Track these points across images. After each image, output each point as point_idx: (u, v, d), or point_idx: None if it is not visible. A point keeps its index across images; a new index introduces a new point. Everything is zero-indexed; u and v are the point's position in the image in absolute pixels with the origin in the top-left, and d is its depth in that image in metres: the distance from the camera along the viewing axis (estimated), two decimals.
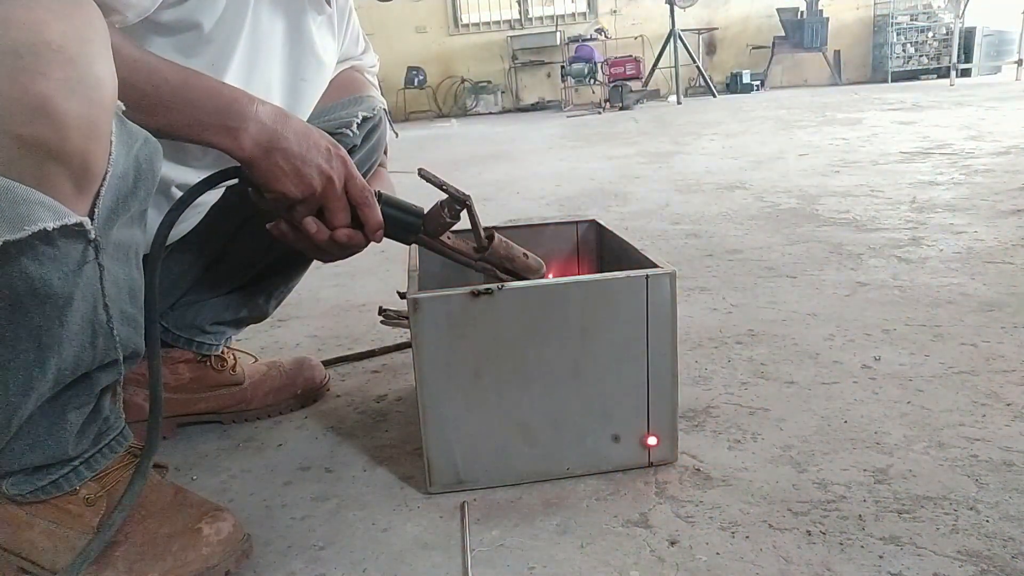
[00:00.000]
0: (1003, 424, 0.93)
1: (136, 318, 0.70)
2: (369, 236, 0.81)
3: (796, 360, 1.17)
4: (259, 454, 1.01)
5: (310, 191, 0.75)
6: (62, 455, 0.68)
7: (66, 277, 0.58)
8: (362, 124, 1.00)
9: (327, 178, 0.76)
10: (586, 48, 8.83)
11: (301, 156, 0.74)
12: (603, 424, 0.86)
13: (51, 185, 0.56)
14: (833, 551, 0.71)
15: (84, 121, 0.55)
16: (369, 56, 1.15)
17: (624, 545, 0.75)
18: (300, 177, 0.74)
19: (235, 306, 1.06)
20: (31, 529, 0.71)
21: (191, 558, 0.71)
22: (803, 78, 9.53)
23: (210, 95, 0.71)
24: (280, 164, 0.73)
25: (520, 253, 0.87)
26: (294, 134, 0.74)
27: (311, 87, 0.99)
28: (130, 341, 0.69)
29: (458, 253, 0.86)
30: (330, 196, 0.77)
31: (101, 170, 0.59)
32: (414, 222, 0.83)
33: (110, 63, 0.59)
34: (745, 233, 2.05)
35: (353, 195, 0.78)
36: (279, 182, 0.74)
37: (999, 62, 8.40)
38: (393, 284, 1.77)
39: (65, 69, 0.54)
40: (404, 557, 0.76)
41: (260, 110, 0.73)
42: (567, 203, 2.75)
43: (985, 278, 1.50)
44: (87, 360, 0.64)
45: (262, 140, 0.72)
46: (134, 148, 0.63)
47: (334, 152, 0.77)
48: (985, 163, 2.85)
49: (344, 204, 0.78)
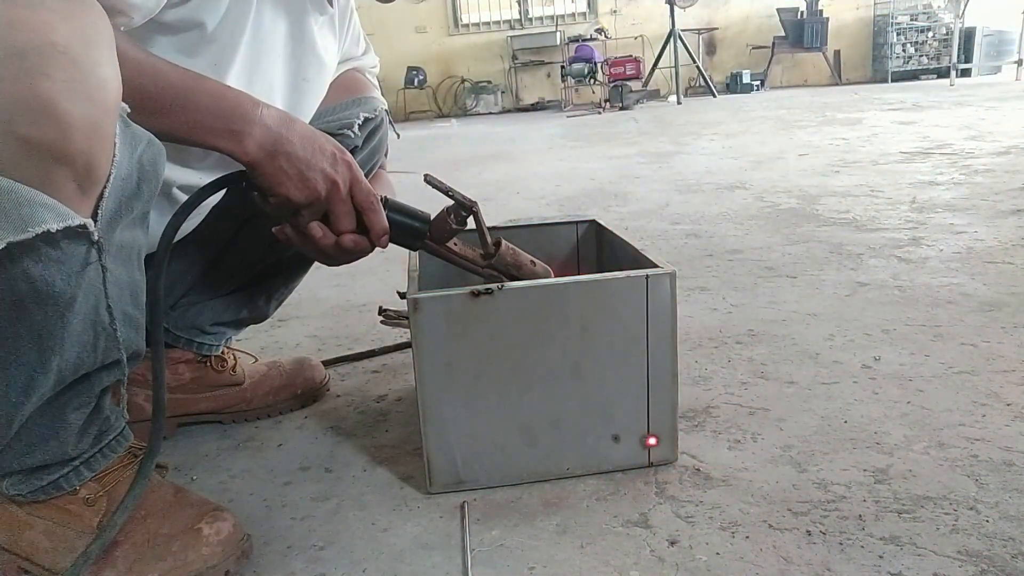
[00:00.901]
0: (1003, 424, 0.93)
1: (137, 319, 0.70)
2: (375, 242, 0.80)
3: (796, 360, 1.17)
4: (259, 454, 1.01)
5: (315, 196, 0.75)
6: (62, 455, 0.68)
7: (69, 278, 0.58)
8: (363, 125, 1.00)
9: (332, 183, 0.75)
10: (586, 48, 8.83)
11: (306, 160, 0.74)
12: (603, 424, 0.86)
13: (55, 187, 0.56)
14: (833, 551, 0.71)
15: (88, 123, 0.55)
16: (370, 57, 1.15)
17: (624, 545, 0.75)
18: (305, 182, 0.74)
19: (235, 307, 1.06)
20: (31, 529, 0.71)
21: (191, 558, 0.71)
22: (803, 78, 9.53)
23: (214, 98, 0.70)
24: (285, 168, 0.73)
25: (527, 260, 0.87)
26: (299, 138, 0.74)
27: (313, 88, 0.99)
28: (132, 342, 0.69)
29: (465, 260, 0.85)
30: (335, 201, 0.76)
31: (105, 172, 0.60)
32: (420, 228, 0.82)
33: (115, 65, 0.59)
34: (745, 233, 2.06)
35: (359, 200, 0.78)
36: (283, 187, 0.74)
37: (999, 62, 8.40)
38: (393, 284, 1.77)
39: (69, 71, 0.54)
40: (404, 557, 0.76)
41: (265, 114, 0.73)
42: (567, 203, 2.75)
43: (985, 278, 1.50)
44: (89, 361, 0.64)
45: (267, 144, 0.72)
46: (138, 150, 0.63)
47: (340, 157, 0.77)
48: (985, 163, 2.85)
49: (349, 209, 0.78)
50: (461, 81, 9.86)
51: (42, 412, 0.65)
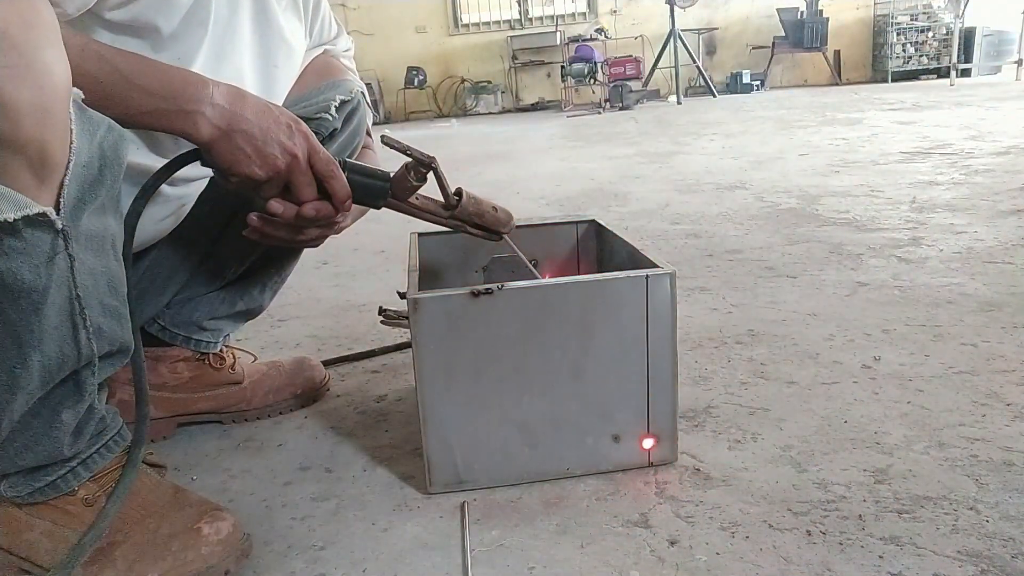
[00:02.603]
0: (1003, 424, 0.93)
1: (119, 310, 0.69)
2: (337, 207, 0.80)
3: (796, 360, 1.17)
4: (259, 454, 1.01)
5: (275, 171, 0.74)
6: (57, 455, 0.68)
7: (37, 269, 0.57)
8: (340, 107, 0.99)
9: (292, 156, 0.75)
10: (586, 48, 8.82)
11: (263, 136, 0.73)
12: (603, 424, 0.86)
13: (9, 176, 0.54)
14: (833, 551, 0.71)
15: (36, 108, 0.54)
16: (343, 40, 1.14)
17: (624, 545, 0.75)
18: (263, 158, 0.73)
19: (230, 300, 1.06)
20: (31, 530, 0.71)
21: (191, 558, 0.71)
22: (803, 78, 9.52)
23: (162, 81, 0.69)
24: (241, 146, 0.72)
25: (489, 208, 0.88)
26: (254, 114, 0.73)
27: (284, 73, 0.99)
28: (116, 335, 0.68)
29: (428, 213, 0.86)
30: (296, 172, 0.76)
31: (62, 159, 0.58)
32: (382, 187, 0.83)
33: (59, 49, 0.57)
34: (745, 233, 2.05)
35: (319, 169, 0.77)
36: (242, 165, 0.73)
37: (999, 62, 8.40)
38: (393, 284, 1.77)
39: (9, 56, 0.52)
40: (404, 557, 0.76)
41: (216, 92, 0.71)
42: (567, 203, 2.75)
43: (985, 278, 1.50)
44: (72, 356, 0.63)
45: (220, 123, 0.71)
46: (97, 136, 0.62)
47: (295, 128, 0.76)
48: (985, 163, 2.85)
49: (310, 179, 0.77)
50: (461, 81, 9.85)
51: (34, 412, 0.64)
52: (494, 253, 0.94)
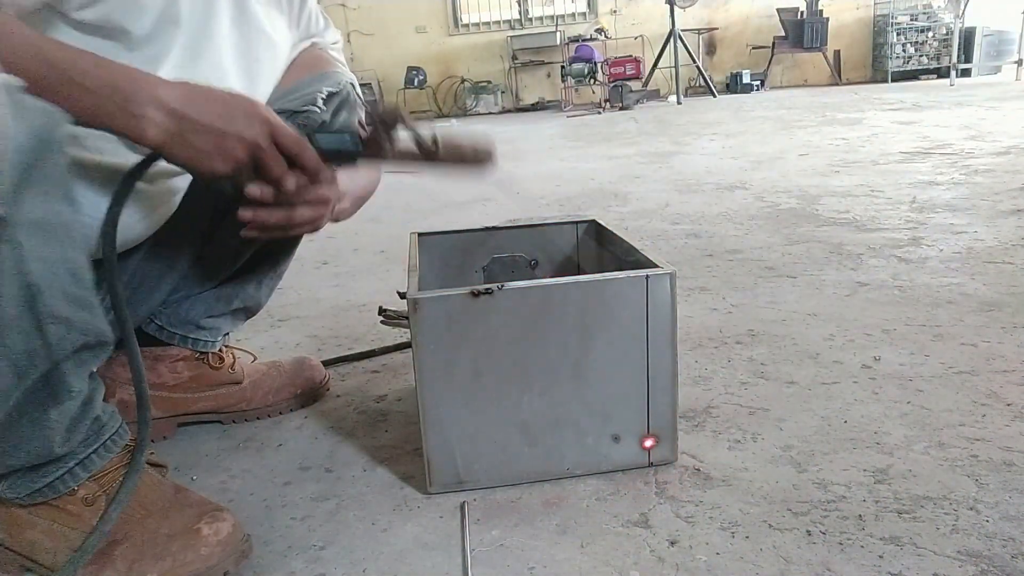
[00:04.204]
0: (1003, 424, 0.93)
1: (88, 299, 0.66)
2: (312, 178, 0.78)
3: (796, 360, 1.17)
4: (259, 454, 1.01)
5: (237, 162, 0.71)
6: (48, 454, 0.68)
7: None
8: (328, 99, 0.98)
9: (253, 145, 0.71)
10: (586, 48, 8.82)
11: (220, 130, 0.69)
12: (603, 424, 0.86)
13: None
14: (833, 551, 0.71)
15: None
16: (331, 33, 1.12)
17: (624, 545, 0.75)
18: (222, 151, 0.70)
19: (227, 297, 1.06)
20: (32, 529, 0.71)
21: (191, 558, 0.71)
22: (803, 78, 9.52)
23: (104, 80, 0.65)
24: (197, 145, 0.68)
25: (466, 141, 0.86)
26: (207, 110, 0.69)
27: (267, 67, 0.97)
28: (89, 325, 0.66)
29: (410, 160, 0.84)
30: (263, 159, 0.73)
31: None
32: (352, 149, 0.81)
33: None
34: (745, 233, 2.05)
35: (287, 148, 0.74)
36: (201, 163, 0.70)
37: (999, 62, 8.39)
38: (393, 284, 1.77)
39: None
40: (404, 557, 0.76)
41: (163, 93, 0.67)
42: (567, 203, 2.75)
43: (985, 278, 1.50)
44: (41, 350, 0.62)
45: (170, 125, 0.67)
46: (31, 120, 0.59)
47: (254, 113, 0.72)
48: (985, 163, 2.85)
49: (279, 160, 0.74)
50: (461, 81, 9.85)
51: (20, 411, 0.64)
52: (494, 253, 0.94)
